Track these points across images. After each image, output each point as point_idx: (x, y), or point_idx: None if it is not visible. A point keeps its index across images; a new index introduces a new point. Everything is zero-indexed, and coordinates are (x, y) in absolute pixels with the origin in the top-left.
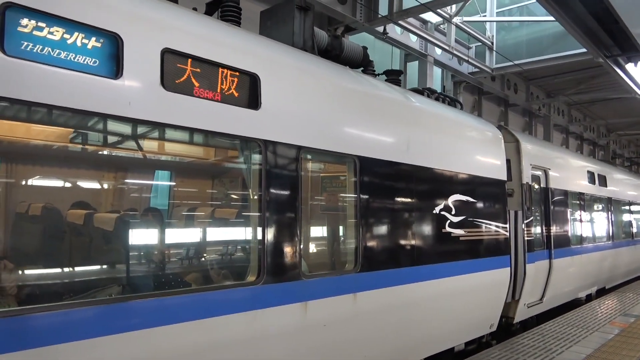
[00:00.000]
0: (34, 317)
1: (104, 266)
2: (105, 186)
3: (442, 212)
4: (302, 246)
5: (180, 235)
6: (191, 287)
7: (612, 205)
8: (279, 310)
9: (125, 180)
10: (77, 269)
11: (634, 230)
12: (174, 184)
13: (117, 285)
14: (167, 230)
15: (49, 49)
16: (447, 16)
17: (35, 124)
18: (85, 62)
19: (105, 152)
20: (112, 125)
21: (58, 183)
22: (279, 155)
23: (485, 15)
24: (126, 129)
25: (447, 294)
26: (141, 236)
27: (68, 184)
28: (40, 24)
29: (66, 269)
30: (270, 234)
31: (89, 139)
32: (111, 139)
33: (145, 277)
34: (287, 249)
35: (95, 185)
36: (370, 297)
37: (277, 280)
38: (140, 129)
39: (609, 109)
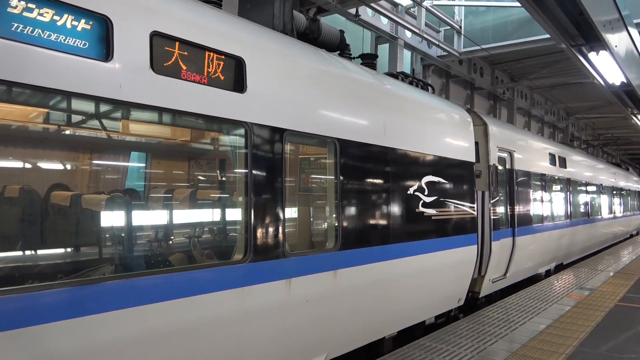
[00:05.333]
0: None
1: (108, 246)
2: (96, 168)
3: (416, 193)
4: (285, 226)
5: (167, 217)
6: (185, 266)
7: (571, 185)
8: (265, 287)
9: (115, 163)
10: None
11: (590, 209)
12: (161, 166)
13: (111, 265)
14: (157, 212)
15: (39, 30)
16: None
17: (27, 106)
18: (75, 44)
19: (98, 135)
20: (104, 108)
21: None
22: (264, 138)
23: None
24: (117, 111)
25: (420, 271)
26: (135, 217)
27: (60, 166)
28: (30, 5)
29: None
30: (255, 214)
31: (80, 121)
32: (102, 121)
33: (141, 257)
34: (272, 229)
35: (87, 167)
36: (349, 274)
37: (262, 259)
38: (131, 112)
39: (569, 93)
